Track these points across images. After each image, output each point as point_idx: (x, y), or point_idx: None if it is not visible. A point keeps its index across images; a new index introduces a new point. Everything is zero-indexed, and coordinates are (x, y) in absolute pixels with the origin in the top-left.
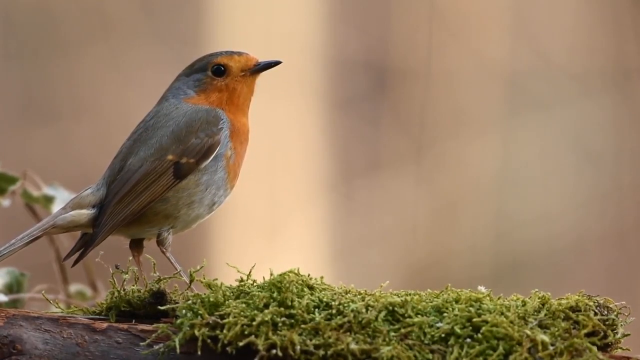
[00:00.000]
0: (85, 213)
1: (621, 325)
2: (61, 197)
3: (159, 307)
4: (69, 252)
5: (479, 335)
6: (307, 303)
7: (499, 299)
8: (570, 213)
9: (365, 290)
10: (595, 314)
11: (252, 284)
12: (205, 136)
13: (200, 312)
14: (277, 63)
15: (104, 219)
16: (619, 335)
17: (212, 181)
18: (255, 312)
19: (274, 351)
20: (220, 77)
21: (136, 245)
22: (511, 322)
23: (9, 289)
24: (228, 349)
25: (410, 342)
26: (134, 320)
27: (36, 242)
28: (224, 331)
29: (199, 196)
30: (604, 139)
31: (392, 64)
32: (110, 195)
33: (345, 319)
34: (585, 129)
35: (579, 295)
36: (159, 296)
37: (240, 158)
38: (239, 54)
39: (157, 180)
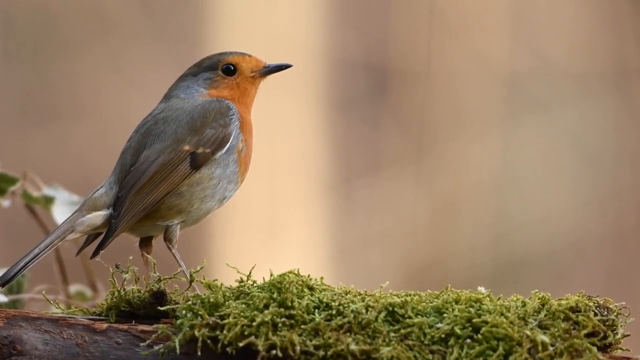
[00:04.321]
0: (102, 214)
1: (621, 325)
2: (61, 198)
3: (159, 307)
4: (81, 247)
5: (479, 336)
6: (307, 304)
7: (498, 299)
8: (570, 214)
9: (365, 291)
10: (595, 314)
11: (252, 285)
12: (219, 126)
13: (200, 312)
14: (287, 66)
15: (122, 210)
16: (618, 336)
17: (224, 175)
18: (255, 312)
19: (274, 352)
20: (231, 76)
21: (145, 244)
22: (511, 322)
23: (9, 289)
24: (228, 349)
25: (410, 342)
26: (133, 321)
27: (36, 242)
28: (224, 332)
29: (211, 190)
30: (604, 139)
31: (392, 64)
32: (126, 187)
33: (345, 320)
34: (585, 130)
35: (578, 296)
36: (159, 296)
37: (250, 150)
38: (249, 55)
39: (175, 171)
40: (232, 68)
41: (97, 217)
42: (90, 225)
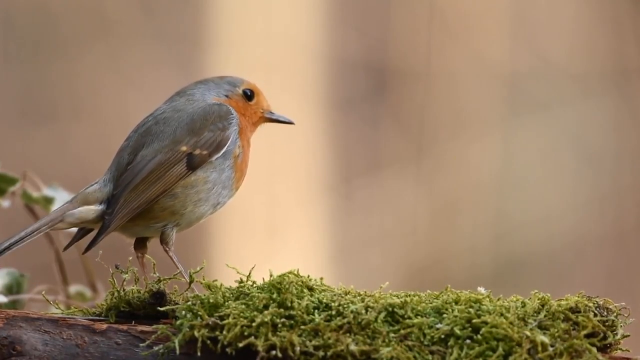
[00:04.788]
0: (94, 209)
1: (621, 326)
2: (61, 198)
3: (159, 307)
4: (69, 242)
5: (479, 336)
6: (307, 304)
7: (498, 300)
8: (570, 214)
9: (365, 291)
10: (595, 315)
11: (251, 285)
12: (217, 129)
13: (199, 313)
14: (289, 122)
15: (117, 207)
16: (618, 336)
17: (219, 180)
18: (255, 313)
19: (273, 352)
20: (247, 100)
21: (140, 246)
22: (511, 323)
23: (9, 290)
24: (228, 350)
25: (409, 343)
26: (133, 322)
27: (36, 242)
28: (224, 332)
29: (205, 194)
30: (604, 139)
31: (392, 64)
32: (121, 185)
33: (345, 320)
34: (585, 130)
35: (578, 296)
36: (159, 297)
37: (247, 157)
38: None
39: (170, 170)
40: (250, 94)
41: (88, 211)
42: (79, 218)
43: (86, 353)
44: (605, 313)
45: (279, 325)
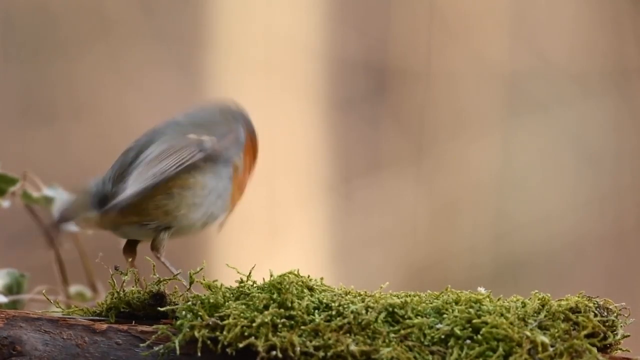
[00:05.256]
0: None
1: (621, 326)
2: (61, 198)
3: (159, 308)
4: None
5: (479, 337)
6: (307, 304)
7: (498, 300)
8: (570, 214)
9: (365, 292)
10: (595, 315)
11: (252, 285)
12: (230, 124)
13: (200, 313)
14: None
15: (130, 182)
16: (618, 337)
17: (216, 188)
18: (255, 313)
19: (273, 352)
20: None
21: (130, 250)
22: (511, 323)
23: (9, 290)
24: (228, 350)
25: (410, 343)
26: (133, 322)
27: (35, 243)
28: (224, 332)
29: (200, 199)
30: (604, 139)
31: (392, 64)
32: (126, 176)
33: (345, 321)
34: (585, 130)
35: (578, 297)
36: (159, 298)
37: (246, 174)
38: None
39: (183, 149)
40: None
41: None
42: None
43: (86, 353)
44: (606, 313)
45: (279, 326)
